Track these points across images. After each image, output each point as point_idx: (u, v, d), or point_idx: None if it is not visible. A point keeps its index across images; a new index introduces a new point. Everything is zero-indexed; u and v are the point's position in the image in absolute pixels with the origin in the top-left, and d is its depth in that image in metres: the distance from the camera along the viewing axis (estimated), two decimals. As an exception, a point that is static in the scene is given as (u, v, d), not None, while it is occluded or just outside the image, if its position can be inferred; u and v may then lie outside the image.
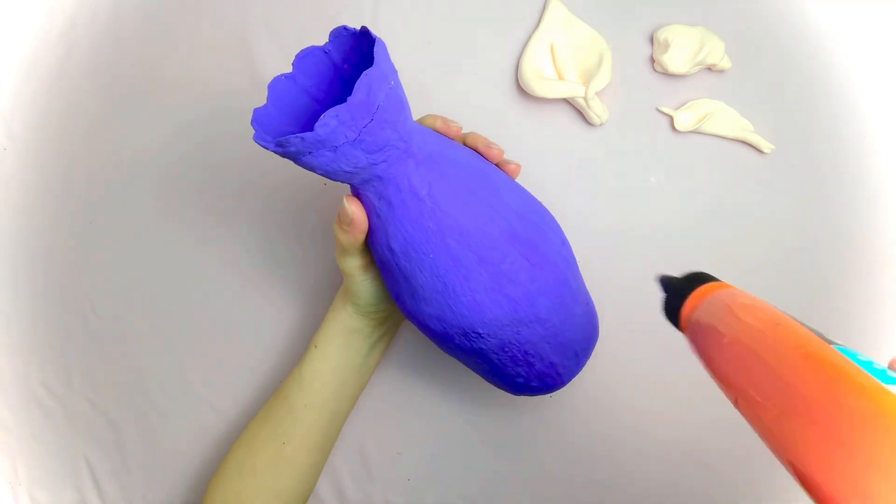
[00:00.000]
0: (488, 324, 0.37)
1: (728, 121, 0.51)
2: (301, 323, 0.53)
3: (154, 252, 0.55)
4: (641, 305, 0.42)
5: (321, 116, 0.29)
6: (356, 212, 0.36)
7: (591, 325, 0.43)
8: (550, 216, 0.42)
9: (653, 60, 0.52)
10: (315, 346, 0.45)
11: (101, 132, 0.55)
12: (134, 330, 0.54)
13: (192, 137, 0.54)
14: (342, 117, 0.29)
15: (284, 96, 0.36)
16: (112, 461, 0.54)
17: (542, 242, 0.38)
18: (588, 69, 0.50)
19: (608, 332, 0.46)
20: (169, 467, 0.53)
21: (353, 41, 0.35)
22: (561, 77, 0.51)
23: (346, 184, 0.35)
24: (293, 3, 0.54)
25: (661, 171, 0.51)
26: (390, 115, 0.31)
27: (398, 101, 0.32)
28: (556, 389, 0.43)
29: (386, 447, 0.52)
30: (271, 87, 0.35)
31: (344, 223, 0.37)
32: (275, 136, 0.33)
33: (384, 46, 0.32)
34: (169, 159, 0.55)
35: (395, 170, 0.34)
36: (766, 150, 0.51)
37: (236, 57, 0.54)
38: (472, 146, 0.40)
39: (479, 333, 0.37)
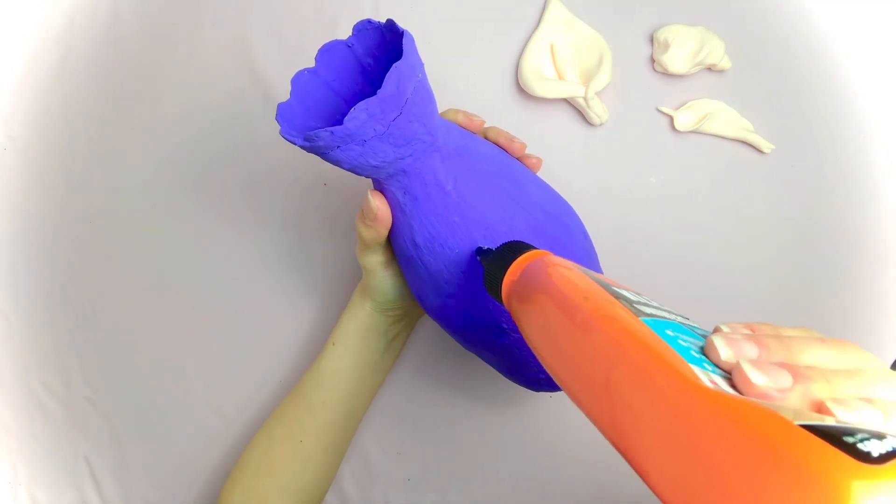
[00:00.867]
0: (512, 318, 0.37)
1: (728, 121, 0.51)
2: (310, 321, 0.53)
3: (154, 252, 0.54)
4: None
5: (351, 110, 0.29)
6: (381, 206, 0.35)
7: None
8: (572, 210, 0.41)
9: (653, 60, 0.52)
10: (333, 343, 0.45)
11: (101, 132, 0.55)
12: (134, 330, 0.54)
13: (193, 137, 0.54)
14: (372, 110, 0.29)
15: (307, 91, 0.35)
16: (112, 461, 0.54)
17: (566, 236, 0.38)
18: (588, 69, 0.50)
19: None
20: (169, 467, 0.54)
21: (377, 35, 0.35)
22: (561, 77, 0.51)
23: (369, 178, 0.35)
24: (293, 3, 0.54)
25: (661, 171, 0.51)
26: (418, 108, 0.31)
27: (426, 95, 0.32)
28: None
29: (386, 447, 0.52)
30: (294, 82, 0.35)
31: (368, 218, 0.36)
32: (298, 130, 0.33)
33: (412, 39, 0.31)
34: (169, 158, 0.55)
35: (421, 164, 0.33)
36: (766, 150, 0.51)
37: (236, 57, 0.54)
38: (494, 140, 0.40)
39: (503, 328, 0.37)
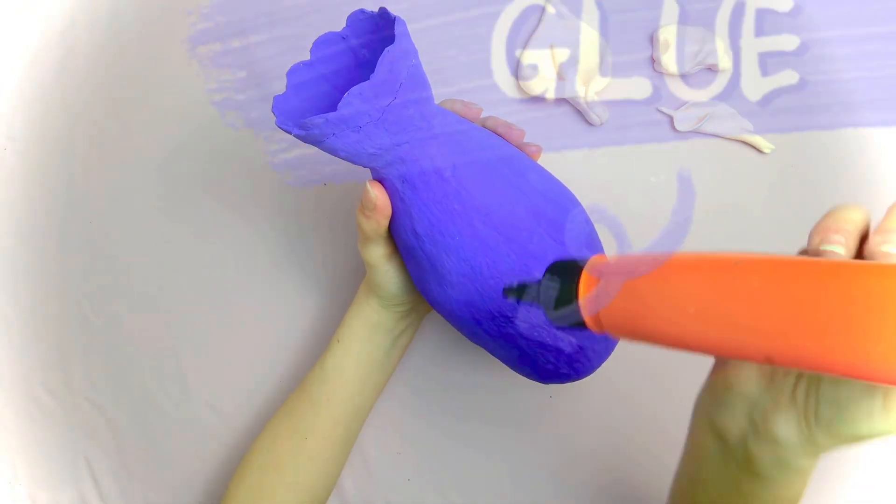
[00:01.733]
0: (517, 306, 0.36)
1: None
2: (311, 320, 0.53)
3: (155, 252, 0.54)
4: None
5: (345, 95, 0.29)
6: (379, 196, 0.35)
7: None
8: (573, 196, 0.41)
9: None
10: (338, 340, 0.45)
11: (101, 131, 0.55)
12: (134, 330, 0.54)
13: (193, 136, 0.54)
14: (366, 95, 0.29)
15: (303, 83, 0.35)
16: (112, 461, 0.54)
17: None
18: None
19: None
20: (169, 467, 0.53)
21: (371, 25, 0.35)
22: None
23: (367, 168, 0.35)
24: (293, 3, 0.54)
25: (661, 171, 0.51)
26: (413, 93, 0.31)
27: (420, 80, 0.32)
28: (586, 375, 0.42)
29: (386, 447, 0.52)
30: (290, 75, 0.35)
31: (367, 209, 0.36)
32: (296, 123, 0.33)
33: (404, 25, 0.31)
34: (169, 158, 0.55)
35: (419, 151, 0.33)
36: (766, 150, 0.51)
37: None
38: (493, 129, 0.40)
39: (508, 317, 0.37)
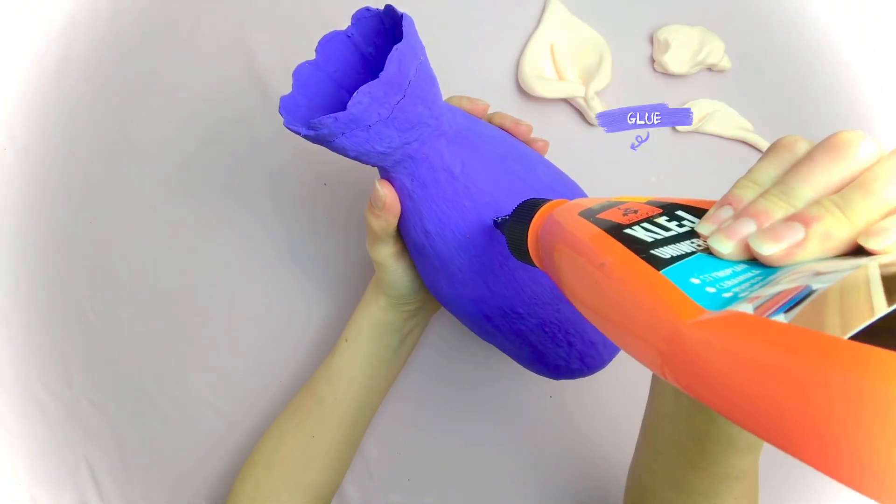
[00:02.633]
0: (528, 302, 0.36)
1: (728, 121, 0.51)
2: (311, 319, 0.53)
3: (155, 252, 0.54)
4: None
5: (355, 94, 0.28)
6: (388, 194, 0.35)
7: None
8: (582, 190, 0.41)
9: (653, 60, 0.52)
10: (346, 339, 0.45)
11: (101, 131, 0.55)
12: (134, 330, 0.54)
13: (193, 136, 0.54)
14: (375, 93, 0.29)
15: (309, 83, 0.35)
16: (112, 461, 0.54)
17: None
18: (588, 69, 0.50)
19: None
20: (169, 467, 0.53)
21: (376, 23, 0.34)
22: (561, 77, 0.51)
23: (376, 167, 0.34)
24: (293, 3, 0.54)
25: (661, 171, 0.51)
26: (421, 90, 0.31)
27: (428, 77, 0.32)
28: (596, 370, 0.42)
29: (386, 447, 0.52)
30: (296, 75, 0.35)
31: (376, 208, 0.36)
32: (303, 123, 0.32)
33: (412, 21, 0.31)
34: (169, 158, 0.55)
35: (428, 148, 0.33)
36: (766, 150, 0.51)
37: (237, 55, 0.54)
38: (500, 124, 0.39)
39: (519, 313, 0.37)
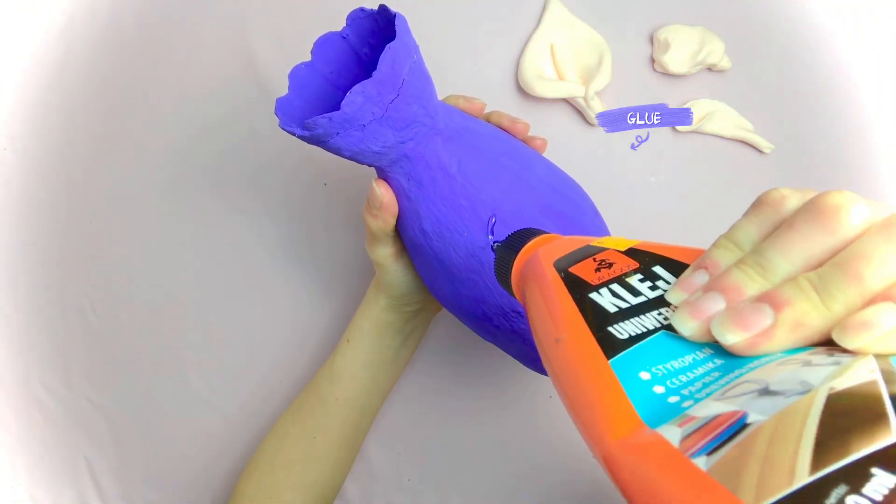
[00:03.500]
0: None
1: (728, 121, 0.51)
2: (311, 319, 0.53)
3: (154, 252, 0.54)
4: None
5: (348, 93, 0.28)
6: (385, 194, 0.35)
7: None
8: (581, 188, 0.41)
9: (653, 60, 0.51)
10: (347, 340, 0.45)
11: (101, 131, 0.55)
12: (134, 329, 0.54)
13: (193, 136, 0.54)
14: (368, 93, 0.29)
15: (305, 85, 0.35)
16: (112, 461, 0.54)
17: (576, 214, 0.37)
18: (588, 69, 0.50)
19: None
20: (169, 467, 0.53)
21: (371, 23, 0.34)
22: (561, 77, 0.51)
23: (372, 167, 0.34)
24: (293, 3, 0.54)
25: (661, 171, 0.51)
26: (415, 89, 0.31)
27: (422, 76, 0.31)
28: None
29: (386, 447, 0.52)
30: (291, 76, 0.35)
31: (374, 208, 0.36)
32: (299, 124, 0.32)
33: (405, 21, 0.31)
34: (169, 158, 0.55)
35: (424, 147, 0.33)
36: (766, 150, 0.51)
37: (236, 56, 0.54)
38: (497, 123, 0.39)
39: (518, 312, 0.37)
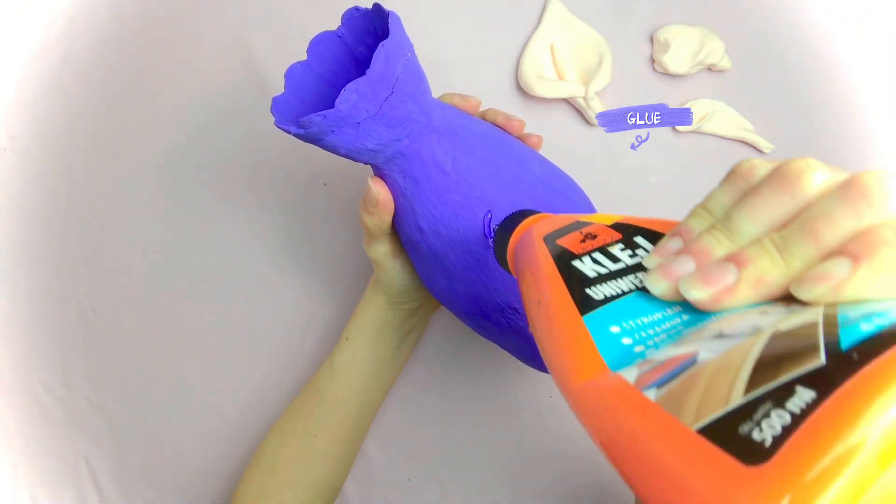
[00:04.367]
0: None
1: (728, 121, 0.51)
2: (310, 319, 0.53)
3: (154, 252, 0.54)
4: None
5: (342, 91, 0.29)
6: (381, 192, 0.35)
7: None
8: (576, 184, 0.41)
9: (653, 60, 0.52)
10: (346, 338, 0.45)
11: (101, 131, 0.55)
12: (134, 329, 0.54)
13: (193, 136, 0.54)
14: (362, 91, 0.29)
15: (301, 84, 0.35)
16: (112, 461, 0.54)
17: (570, 209, 0.38)
18: (588, 69, 0.50)
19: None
20: (169, 467, 0.53)
21: (366, 22, 0.34)
22: (561, 77, 0.51)
23: (368, 164, 0.34)
24: (293, 3, 0.54)
25: (661, 171, 0.51)
26: (410, 87, 0.31)
27: (416, 74, 0.32)
28: None
29: (386, 447, 0.52)
30: (287, 76, 0.35)
31: (370, 206, 0.36)
32: (294, 123, 0.33)
33: (399, 19, 0.31)
34: (169, 158, 0.55)
35: (418, 145, 0.33)
36: (766, 150, 0.51)
37: (236, 56, 0.54)
38: (492, 121, 0.40)
39: (515, 308, 0.37)
